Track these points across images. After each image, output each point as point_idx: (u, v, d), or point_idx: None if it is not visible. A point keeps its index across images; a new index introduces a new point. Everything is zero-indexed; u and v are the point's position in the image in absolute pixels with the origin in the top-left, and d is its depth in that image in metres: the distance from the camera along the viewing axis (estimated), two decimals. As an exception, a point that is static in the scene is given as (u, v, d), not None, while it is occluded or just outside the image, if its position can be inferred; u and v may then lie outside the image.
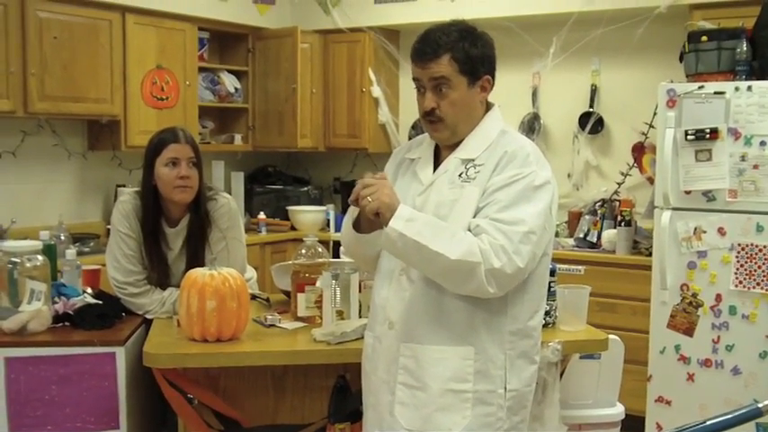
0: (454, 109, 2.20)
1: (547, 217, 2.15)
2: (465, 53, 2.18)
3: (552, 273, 2.75)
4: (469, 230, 2.11)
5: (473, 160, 2.21)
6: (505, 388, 2.19)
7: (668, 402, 4.23)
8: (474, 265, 2.03)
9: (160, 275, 3.01)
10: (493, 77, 2.26)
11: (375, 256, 2.35)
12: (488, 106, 2.31)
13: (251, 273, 3.41)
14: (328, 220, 5.89)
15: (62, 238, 4.42)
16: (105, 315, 2.81)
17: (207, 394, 2.58)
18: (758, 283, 3.99)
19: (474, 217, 2.14)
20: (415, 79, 2.25)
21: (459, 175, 2.21)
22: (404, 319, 2.21)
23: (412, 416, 2.19)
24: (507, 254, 2.04)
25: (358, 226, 2.30)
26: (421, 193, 2.25)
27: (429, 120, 2.24)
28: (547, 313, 2.75)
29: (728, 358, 4.07)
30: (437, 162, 2.30)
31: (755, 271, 3.99)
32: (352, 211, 2.32)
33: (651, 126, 4.88)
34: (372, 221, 2.20)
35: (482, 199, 2.15)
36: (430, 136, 2.31)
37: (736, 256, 4.04)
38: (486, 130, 2.25)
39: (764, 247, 3.97)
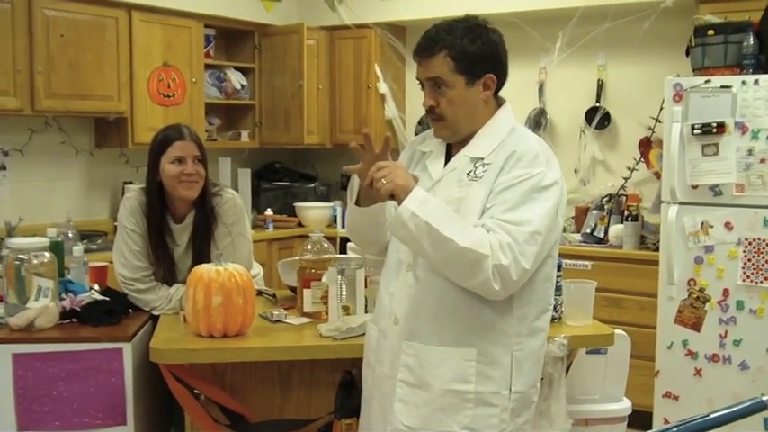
0: (453, 107, 2.18)
1: (553, 218, 2.13)
2: (462, 51, 2.14)
3: (558, 268, 2.75)
4: None
5: (482, 159, 2.19)
6: (510, 389, 2.18)
7: (676, 397, 4.22)
8: (482, 257, 2.00)
9: (166, 272, 3.02)
10: (498, 76, 2.21)
11: (378, 238, 2.36)
12: (500, 102, 2.28)
13: (258, 269, 3.42)
14: (335, 217, 5.91)
15: (70, 235, 4.41)
16: (112, 311, 2.82)
17: (213, 389, 2.59)
18: (766, 278, 3.98)
19: (480, 216, 2.12)
20: (417, 77, 2.25)
21: (468, 174, 2.19)
22: (408, 316, 2.20)
23: (411, 413, 2.19)
24: (514, 253, 2.02)
25: (359, 202, 2.30)
26: (429, 188, 2.21)
27: (431, 117, 2.24)
28: (553, 308, 2.75)
29: (736, 353, 4.06)
30: (449, 157, 2.28)
31: (763, 265, 3.98)
32: (354, 188, 2.31)
33: (658, 121, 4.87)
34: (373, 197, 2.20)
35: (489, 199, 2.13)
36: (434, 134, 2.30)
37: (744, 251, 4.03)
38: (497, 127, 2.23)
39: (772, 241, 3.96)
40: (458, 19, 2.21)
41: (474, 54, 2.15)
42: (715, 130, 4.02)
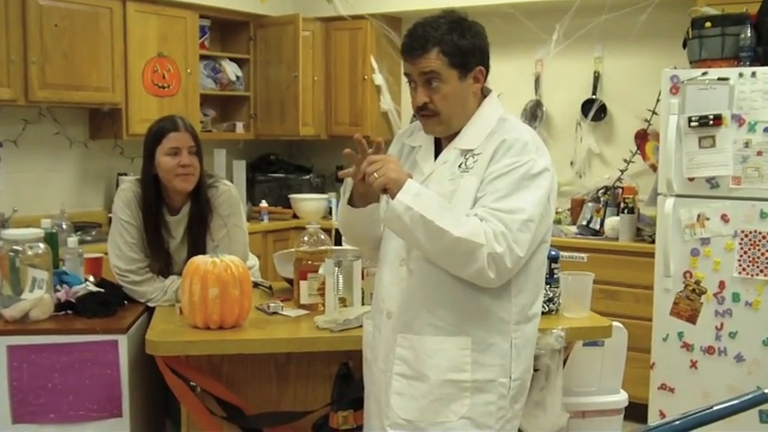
0: (447, 103, 2.18)
1: (545, 205, 2.14)
2: (454, 46, 2.14)
3: (555, 260, 2.76)
4: None
5: (472, 150, 2.19)
6: (510, 377, 2.19)
7: (671, 390, 4.22)
8: (477, 246, 2.02)
9: (162, 264, 3.01)
10: (486, 67, 2.23)
11: (371, 234, 2.35)
12: (485, 93, 2.28)
13: (253, 261, 3.41)
14: (330, 208, 5.89)
15: (64, 226, 4.42)
16: (107, 303, 2.81)
17: (210, 382, 2.58)
18: (761, 270, 3.97)
19: (473, 206, 2.13)
20: (406, 74, 2.23)
21: (459, 166, 2.19)
22: (401, 309, 2.21)
23: (409, 406, 2.19)
24: (507, 241, 2.04)
25: (353, 202, 2.29)
26: (421, 183, 2.20)
27: (423, 114, 2.22)
28: (550, 300, 2.76)
29: (732, 345, 4.07)
30: (438, 150, 2.28)
31: (759, 258, 3.97)
32: (347, 188, 2.30)
33: (654, 113, 4.86)
34: (366, 196, 2.20)
35: (480, 188, 2.13)
36: (424, 131, 2.28)
37: (740, 243, 4.02)
38: (485, 118, 2.23)
39: (768, 233, 3.96)
40: (438, 15, 2.20)
41: (465, 48, 2.16)
42: (712, 122, 4.01)
